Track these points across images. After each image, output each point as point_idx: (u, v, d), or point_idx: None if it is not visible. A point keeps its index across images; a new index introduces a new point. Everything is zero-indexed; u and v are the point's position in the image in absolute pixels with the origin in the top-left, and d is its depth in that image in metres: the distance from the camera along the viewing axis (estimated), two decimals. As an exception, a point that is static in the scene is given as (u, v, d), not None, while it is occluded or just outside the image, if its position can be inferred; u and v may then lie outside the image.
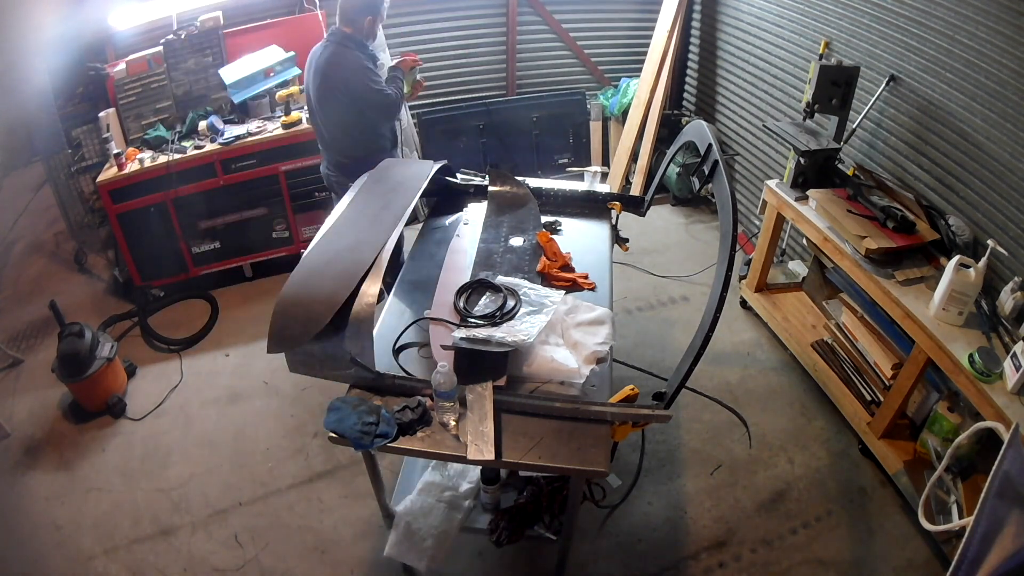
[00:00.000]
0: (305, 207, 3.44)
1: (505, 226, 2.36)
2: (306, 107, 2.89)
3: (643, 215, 2.56)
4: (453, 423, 1.63)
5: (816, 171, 2.76)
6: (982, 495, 1.46)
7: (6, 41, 2.78)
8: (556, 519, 1.97)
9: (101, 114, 3.20)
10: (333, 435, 1.61)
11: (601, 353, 1.81)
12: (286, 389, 2.89)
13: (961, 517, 1.97)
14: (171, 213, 3.22)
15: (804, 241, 3.13)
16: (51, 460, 2.63)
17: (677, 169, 4.02)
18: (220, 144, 3.16)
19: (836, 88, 2.63)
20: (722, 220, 1.83)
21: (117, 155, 3.09)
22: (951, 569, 1.45)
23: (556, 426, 1.62)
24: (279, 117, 3.28)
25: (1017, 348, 1.90)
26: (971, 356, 1.98)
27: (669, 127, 4.09)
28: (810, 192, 2.70)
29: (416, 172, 2.30)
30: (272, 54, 3.40)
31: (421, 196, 2.24)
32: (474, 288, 1.99)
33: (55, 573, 2.22)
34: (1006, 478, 1.44)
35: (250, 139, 3.20)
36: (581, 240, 2.37)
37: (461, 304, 1.92)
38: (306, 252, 1.90)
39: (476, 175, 2.68)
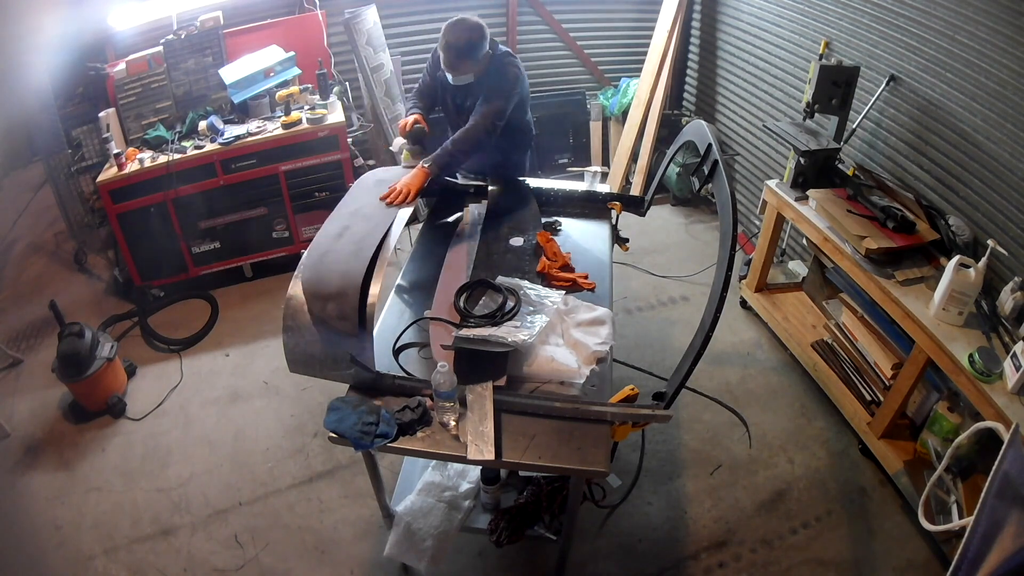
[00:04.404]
0: (305, 207, 3.44)
1: (505, 226, 2.36)
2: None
3: (643, 215, 2.56)
4: (453, 423, 1.63)
5: (816, 171, 2.76)
6: (982, 495, 1.46)
7: (6, 41, 2.77)
8: (556, 519, 1.98)
9: (101, 114, 3.19)
10: (333, 435, 1.61)
11: (601, 353, 1.81)
12: (286, 389, 2.89)
13: (961, 517, 1.96)
14: (171, 213, 3.22)
15: (804, 241, 3.13)
16: (51, 460, 2.63)
17: (677, 169, 4.02)
18: (220, 144, 3.16)
19: (836, 88, 2.63)
20: (722, 220, 1.83)
21: (117, 155, 3.09)
22: (951, 569, 1.45)
23: (556, 426, 1.63)
24: (279, 117, 3.28)
25: (1017, 348, 1.90)
26: (971, 356, 1.98)
27: (669, 127, 4.09)
28: (810, 192, 2.70)
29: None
30: (272, 54, 3.40)
31: (421, 196, 2.24)
32: (474, 288, 1.99)
33: (55, 573, 2.23)
34: (1006, 478, 1.44)
35: (250, 139, 3.20)
36: (581, 240, 2.37)
37: (461, 304, 1.92)
38: (307, 249, 1.89)
39: (476, 175, 2.68)
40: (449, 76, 2.37)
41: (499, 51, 2.41)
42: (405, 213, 2.04)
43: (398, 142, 2.48)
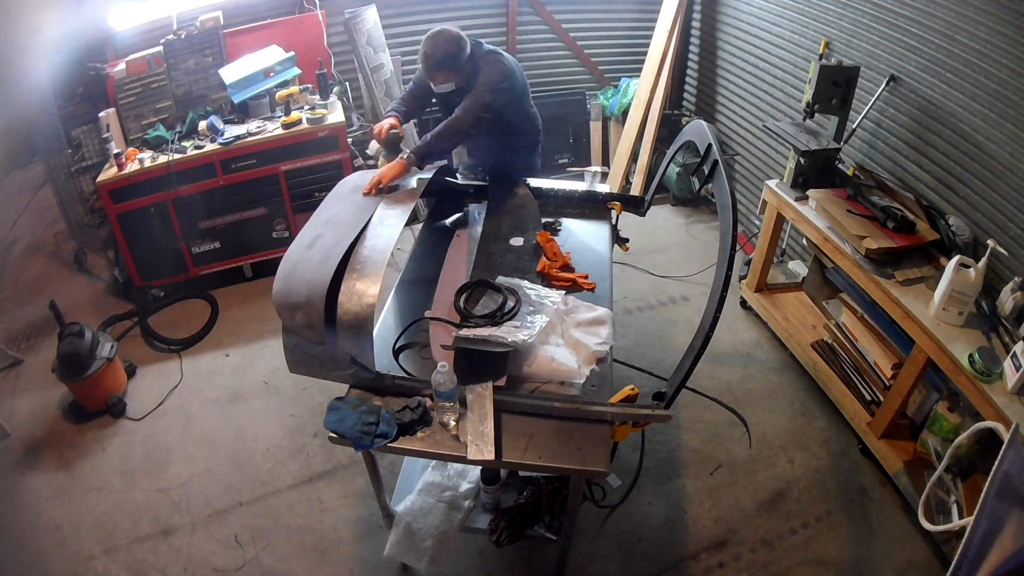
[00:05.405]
0: (305, 207, 3.43)
1: (505, 226, 2.36)
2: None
3: (643, 215, 2.56)
4: (453, 423, 1.63)
5: (816, 171, 2.76)
6: (982, 495, 1.46)
7: (6, 41, 2.78)
8: (556, 519, 1.98)
9: (101, 114, 3.19)
10: (333, 435, 1.61)
11: (601, 353, 1.81)
12: (286, 389, 2.89)
13: (961, 517, 1.96)
14: (171, 213, 3.22)
15: (804, 241, 3.13)
16: (51, 460, 2.63)
17: (677, 169, 4.02)
18: (220, 144, 3.16)
19: (836, 88, 2.63)
20: (722, 220, 1.83)
21: (117, 155, 3.09)
22: (951, 569, 1.45)
23: (556, 426, 1.63)
24: (279, 117, 3.28)
25: (1017, 348, 1.90)
26: (971, 356, 1.98)
27: (669, 127, 4.09)
28: (810, 192, 2.70)
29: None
30: (272, 54, 3.40)
31: (421, 196, 2.24)
32: (474, 288, 1.99)
33: (55, 573, 2.22)
34: (1006, 478, 1.44)
35: (250, 139, 3.20)
36: (581, 240, 2.37)
37: (461, 304, 1.92)
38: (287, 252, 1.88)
39: (476, 175, 2.68)
40: (432, 84, 2.41)
41: (483, 50, 2.41)
42: (402, 215, 2.03)
43: (373, 146, 2.48)
